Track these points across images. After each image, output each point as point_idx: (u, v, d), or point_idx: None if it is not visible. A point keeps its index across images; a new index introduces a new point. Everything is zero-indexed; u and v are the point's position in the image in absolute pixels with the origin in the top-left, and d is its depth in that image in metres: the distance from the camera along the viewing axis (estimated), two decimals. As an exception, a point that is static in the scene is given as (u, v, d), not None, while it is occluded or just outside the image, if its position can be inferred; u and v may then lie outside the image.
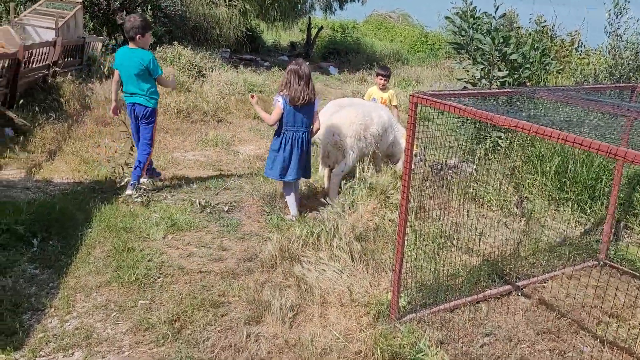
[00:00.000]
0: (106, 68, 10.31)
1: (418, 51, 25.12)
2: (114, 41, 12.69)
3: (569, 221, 5.14)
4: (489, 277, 4.16)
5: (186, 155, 7.67)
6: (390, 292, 3.76)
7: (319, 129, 5.30)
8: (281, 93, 5.06)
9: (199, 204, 5.37)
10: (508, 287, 4.07)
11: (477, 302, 3.87)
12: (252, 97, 5.35)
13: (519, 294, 4.06)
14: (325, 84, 16.63)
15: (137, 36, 5.42)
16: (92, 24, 12.50)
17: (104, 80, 9.71)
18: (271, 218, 5.20)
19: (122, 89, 5.68)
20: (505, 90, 3.44)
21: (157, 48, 13.06)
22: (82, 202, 5.18)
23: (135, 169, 5.61)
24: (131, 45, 5.51)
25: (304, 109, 5.06)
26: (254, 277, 4.06)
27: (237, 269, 4.23)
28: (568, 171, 5.27)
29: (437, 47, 24.84)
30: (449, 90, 3.26)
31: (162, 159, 7.10)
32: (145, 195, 5.43)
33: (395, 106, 7.34)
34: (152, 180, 5.94)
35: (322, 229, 4.57)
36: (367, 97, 7.59)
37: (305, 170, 5.33)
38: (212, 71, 12.94)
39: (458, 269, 4.28)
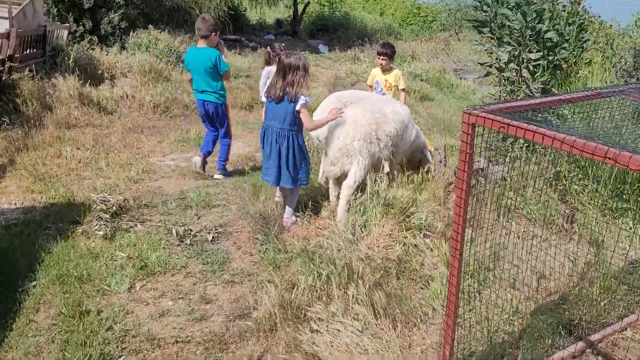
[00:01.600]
0: (71, 59, 9.13)
1: (410, 24, 23.98)
2: (82, 28, 11.48)
3: (630, 238, 4.19)
4: (552, 328, 3.21)
5: (164, 160, 6.64)
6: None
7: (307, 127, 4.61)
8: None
9: (177, 233, 4.36)
10: (580, 344, 3.12)
11: (546, 373, 2.93)
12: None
13: (594, 353, 3.12)
14: (315, 64, 15.46)
15: (212, 34, 5.61)
16: (55, 10, 11.26)
17: (68, 74, 8.56)
18: (266, 249, 4.20)
19: (192, 86, 5.90)
20: (587, 92, 2.43)
21: (131, 33, 11.88)
22: (29, 239, 4.15)
23: (218, 164, 6.03)
24: (201, 44, 5.65)
25: (280, 104, 4.55)
26: (248, 348, 3.07)
27: (225, 333, 3.23)
28: (629, 175, 4.29)
29: (431, 20, 23.73)
30: (517, 100, 2.25)
31: (134, 168, 6.06)
32: (108, 225, 4.40)
33: (403, 90, 6.31)
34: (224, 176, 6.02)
35: (332, 269, 3.58)
36: (370, 81, 6.57)
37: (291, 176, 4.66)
38: (193, 56, 11.78)
39: (509, 317, 3.33)
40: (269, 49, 7.15)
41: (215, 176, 5.96)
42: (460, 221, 2.22)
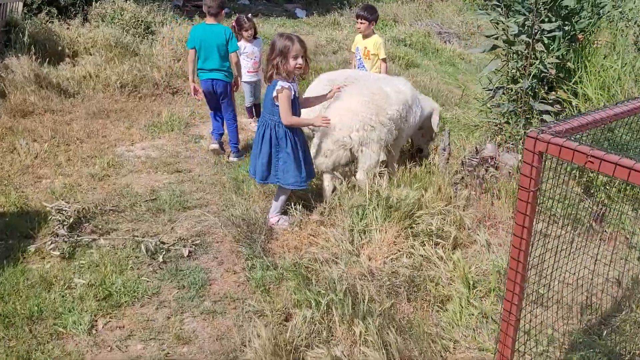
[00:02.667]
0: (26, 35, 8.25)
1: (391, -16, 22.97)
2: (38, -2, 10.48)
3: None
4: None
5: (133, 149, 5.94)
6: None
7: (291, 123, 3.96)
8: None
9: (147, 249, 3.73)
10: (634, 386, 2.62)
11: None
12: None
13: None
14: (293, 31, 14.63)
15: (222, 11, 5.48)
16: (8, -22, 10.22)
17: (23, 53, 7.71)
18: (252, 266, 3.61)
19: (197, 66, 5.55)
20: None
21: (94, 3, 10.92)
22: (-30, 266, 3.51)
23: (232, 148, 5.73)
24: (210, 20, 5.44)
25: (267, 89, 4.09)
26: (236, 410, 2.51)
27: (207, 388, 2.67)
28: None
29: (412, -21, 22.73)
30: (592, 113, 1.65)
31: (99, 162, 5.38)
32: (66, 241, 3.76)
33: (384, 60, 5.72)
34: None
35: (333, 298, 3.01)
36: (352, 47, 6.03)
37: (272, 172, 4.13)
38: (162, 26, 10.92)
39: (545, 350, 2.81)
40: (234, 23, 6.47)
41: (231, 158, 5.70)
42: (516, 290, 1.63)
